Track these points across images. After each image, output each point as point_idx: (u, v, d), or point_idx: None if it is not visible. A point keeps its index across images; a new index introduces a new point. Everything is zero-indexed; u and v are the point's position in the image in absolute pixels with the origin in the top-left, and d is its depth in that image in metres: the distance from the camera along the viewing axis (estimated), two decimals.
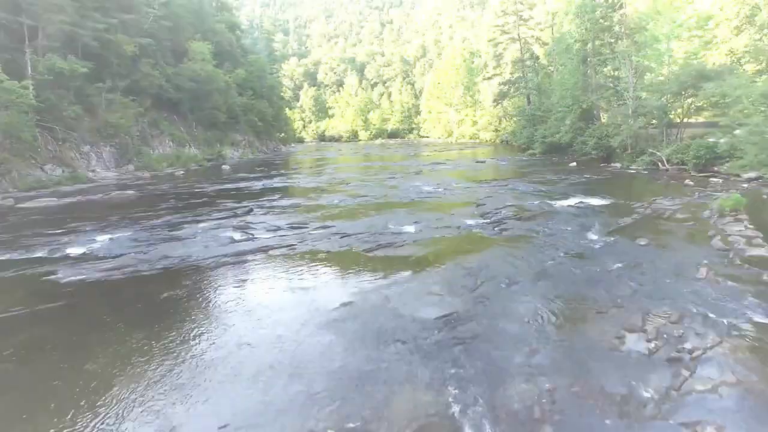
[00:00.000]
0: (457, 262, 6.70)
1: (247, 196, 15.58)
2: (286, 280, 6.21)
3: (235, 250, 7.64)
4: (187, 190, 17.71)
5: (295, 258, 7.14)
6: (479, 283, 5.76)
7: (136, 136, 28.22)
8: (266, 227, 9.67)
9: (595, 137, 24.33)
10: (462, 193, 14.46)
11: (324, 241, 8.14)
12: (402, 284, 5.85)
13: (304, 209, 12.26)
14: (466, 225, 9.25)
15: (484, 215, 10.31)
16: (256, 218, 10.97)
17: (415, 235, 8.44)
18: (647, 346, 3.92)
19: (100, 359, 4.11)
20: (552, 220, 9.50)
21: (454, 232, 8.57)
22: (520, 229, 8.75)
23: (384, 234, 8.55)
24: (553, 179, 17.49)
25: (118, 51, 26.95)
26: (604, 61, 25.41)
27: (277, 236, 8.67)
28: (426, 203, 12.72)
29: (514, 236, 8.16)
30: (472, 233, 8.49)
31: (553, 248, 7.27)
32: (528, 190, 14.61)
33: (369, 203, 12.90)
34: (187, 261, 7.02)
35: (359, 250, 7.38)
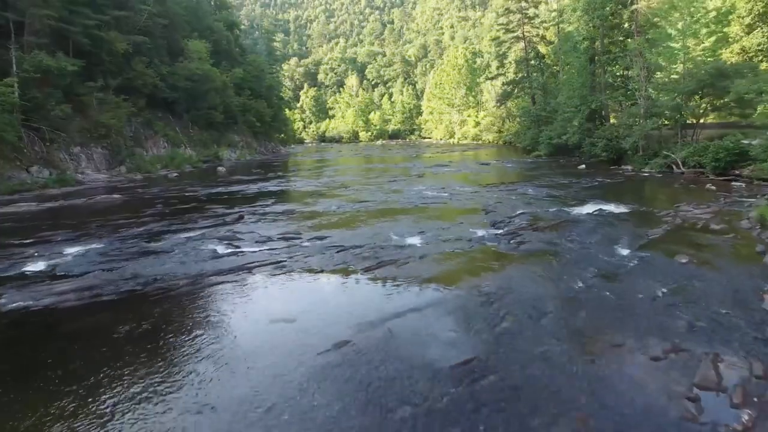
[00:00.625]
0: (471, 285, 5.74)
1: (240, 200, 14.64)
2: (268, 310, 5.26)
3: (216, 267, 6.70)
4: (178, 193, 16.78)
5: (282, 279, 6.19)
6: (501, 314, 4.80)
7: (129, 137, 27.34)
8: (255, 238, 8.73)
9: (605, 139, 23.37)
10: (468, 199, 13.51)
11: (318, 256, 7.19)
12: (408, 315, 4.89)
13: (299, 216, 11.32)
14: (477, 237, 8.30)
15: (495, 225, 9.36)
16: (245, 227, 10.04)
17: (421, 249, 7.49)
18: (738, 417, 2.97)
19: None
20: (572, 230, 8.54)
21: (464, 246, 7.61)
22: (539, 242, 7.79)
23: (386, 247, 7.60)
24: (564, 183, 16.54)
25: (110, 49, 26.06)
26: (613, 60, 24.46)
27: (266, 249, 7.72)
28: (431, 210, 11.77)
29: (534, 251, 7.20)
30: (485, 247, 7.54)
31: (580, 267, 6.31)
32: (539, 195, 13.65)
33: (369, 209, 11.96)
34: (158, 282, 6.06)
35: (357, 269, 6.42)
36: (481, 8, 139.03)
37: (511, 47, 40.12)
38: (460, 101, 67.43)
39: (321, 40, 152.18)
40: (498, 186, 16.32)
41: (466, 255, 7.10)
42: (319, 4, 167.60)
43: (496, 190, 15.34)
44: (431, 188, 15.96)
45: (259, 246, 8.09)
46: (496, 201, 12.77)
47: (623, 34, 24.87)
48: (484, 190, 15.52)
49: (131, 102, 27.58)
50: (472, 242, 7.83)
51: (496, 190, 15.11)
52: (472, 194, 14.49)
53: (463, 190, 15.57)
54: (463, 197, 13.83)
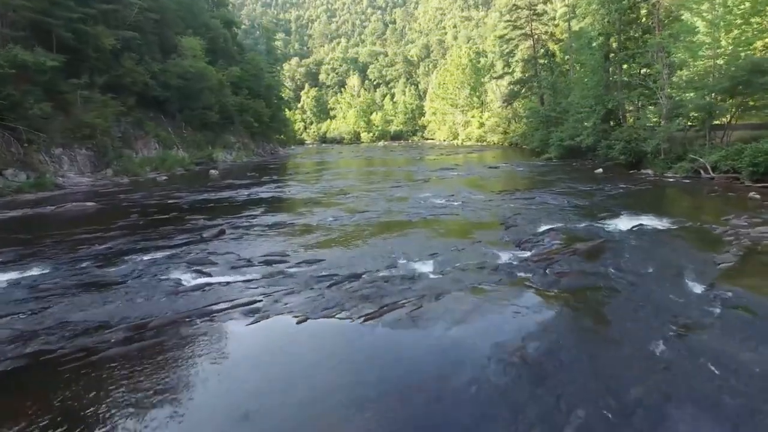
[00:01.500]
0: (508, 346, 4.18)
1: (226, 209, 13.12)
2: (228, 396, 3.71)
3: (172, 309, 5.16)
4: (160, 200, 15.26)
5: (252, 334, 4.62)
6: (559, 405, 3.25)
7: (117, 138, 25.84)
8: (232, 262, 7.20)
9: (623, 141, 21.80)
10: (482, 209, 11.96)
11: (304, 293, 5.64)
12: (430, 407, 3.34)
13: (289, 231, 9.78)
14: (502, 263, 6.75)
15: (520, 245, 7.81)
16: (224, 245, 8.51)
17: (435, 282, 5.94)
18: None
19: None
20: (618, 255, 6.99)
21: (489, 278, 6.06)
22: (582, 272, 6.24)
23: (391, 279, 6.06)
24: (585, 190, 14.98)
25: (96, 44, 24.60)
26: (631, 57, 22.88)
27: (240, 281, 6.19)
28: (441, 223, 10.23)
29: (580, 288, 5.65)
30: (516, 280, 5.98)
31: (649, 314, 4.77)
32: (561, 205, 12.10)
33: (370, 222, 10.42)
34: (83, 338, 4.50)
35: (354, 315, 4.86)
36: (484, 8, 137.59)
37: (518, 45, 38.55)
38: (464, 102, 65.86)
39: (322, 40, 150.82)
40: (512, 193, 14.77)
41: (494, 293, 5.54)
42: (321, 4, 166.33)
43: (510, 198, 13.79)
44: (439, 195, 14.41)
45: (233, 274, 6.56)
46: (513, 212, 11.22)
47: (641, 30, 23.32)
48: (497, 198, 13.97)
49: (120, 101, 26.09)
50: (499, 272, 6.27)
51: (511, 199, 13.56)
52: (485, 203, 12.94)
53: (475, 197, 14.01)
54: (475, 207, 12.28)
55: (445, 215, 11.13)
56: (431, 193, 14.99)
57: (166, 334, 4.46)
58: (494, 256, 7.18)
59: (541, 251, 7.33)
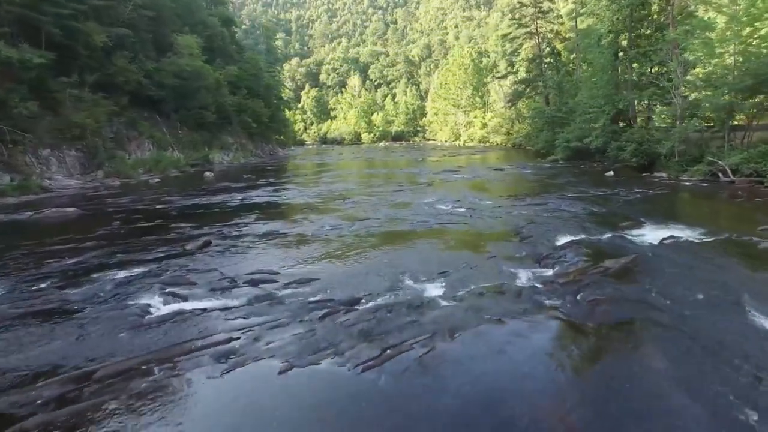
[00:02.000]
0: (547, 415, 3.27)
1: (216, 216, 12.21)
2: None
3: (130, 350, 4.24)
4: (149, 205, 14.37)
5: (223, 392, 3.67)
6: None
7: (109, 138, 24.96)
8: (212, 282, 6.30)
9: (635, 142, 20.88)
10: (492, 216, 11.05)
11: (292, 326, 4.73)
12: None
13: (281, 243, 8.88)
14: (523, 286, 5.84)
15: (541, 262, 6.91)
16: (207, 260, 7.61)
17: (447, 313, 5.03)
18: None
19: None
20: (656, 275, 6.07)
21: (511, 306, 5.15)
22: (618, 298, 5.31)
23: (394, 307, 5.15)
24: (599, 195, 14.07)
25: (87, 41, 23.72)
26: (643, 54, 21.94)
27: (219, 308, 5.28)
28: (449, 234, 9.31)
29: (620, 320, 4.73)
30: (543, 309, 5.07)
31: (715, 357, 3.85)
32: (578, 212, 11.18)
33: (371, 232, 9.50)
34: (11, 394, 3.60)
35: (352, 363, 3.94)
36: (486, 8, 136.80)
37: (523, 44, 37.62)
38: (466, 102, 64.94)
39: (323, 40, 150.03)
40: (522, 198, 13.85)
41: (520, 328, 4.62)
42: (321, 4, 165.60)
43: (521, 203, 12.87)
44: (444, 200, 13.50)
45: (212, 298, 5.66)
46: (527, 220, 10.31)
47: (654, 27, 22.39)
48: (507, 203, 13.05)
49: (112, 100, 25.24)
50: (522, 298, 5.35)
51: (522, 205, 12.64)
52: (495, 210, 12.01)
53: (483, 203, 13.10)
54: (484, 214, 11.36)
55: (452, 224, 10.21)
56: (436, 198, 14.08)
57: (111, 390, 3.54)
58: (513, 276, 6.27)
59: (566, 270, 6.41)
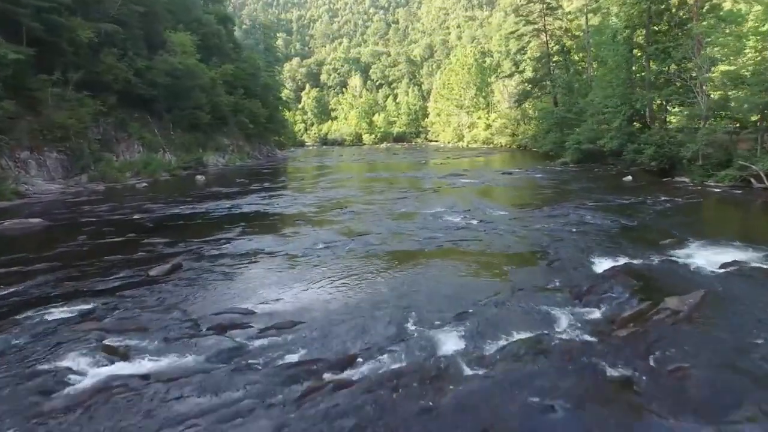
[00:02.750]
0: None
1: (197, 229, 10.85)
2: None
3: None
4: (127, 214, 13.02)
5: None
6: None
7: (95, 140, 23.63)
8: (168, 328, 4.93)
9: (654, 144, 19.46)
10: (509, 231, 9.65)
11: (258, 414, 3.37)
12: None
13: (263, 267, 7.50)
14: (568, 338, 4.46)
15: (581, 297, 5.52)
16: (170, 291, 6.24)
17: (474, 390, 3.64)
18: None
19: None
20: (748, 325, 4.67)
21: (561, 378, 3.75)
22: (713, 365, 3.92)
23: (402, 381, 3.77)
24: (624, 204, 12.67)
25: (72, 37, 22.41)
26: (663, 51, 20.50)
27: (166, 378, 3.91)
28: (462, 255, 7.92)
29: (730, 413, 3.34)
30: (606, 386, 3.68)
31: None
32: (605, 226, 9.78)
33: (371, 253, 8.12)
34: None
35: None
36: (489, 8, 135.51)
37: (530, 41, 36.22)
38: (469, 102, 63.56)
39: (324, 40, 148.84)
40: (539, 207, 12.45)
41: (579, 422, 3.23)
42: (323, 4, 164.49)
43: (539, 214, 11.48)
44: (453, 211, 12.11)
45: (162, 356, 4.28)
46: (551, 237, 8.93)
47: (674, 21, 20.98)
48: (523, 214, 11.66)
49: (100, 100, 23.94)
50: (573, 363, 3.95)
51: (541, 216, 11.25)
52: (511, 222, 10.62)
53: (496, 214, 11.70)
54: (500, 228, 9.97)
55: (465, 241, 8.82)
56: (443, 207, 12.69)
57: None
58: (550, 320, 4.88)
59: (619, 312, 5.01)
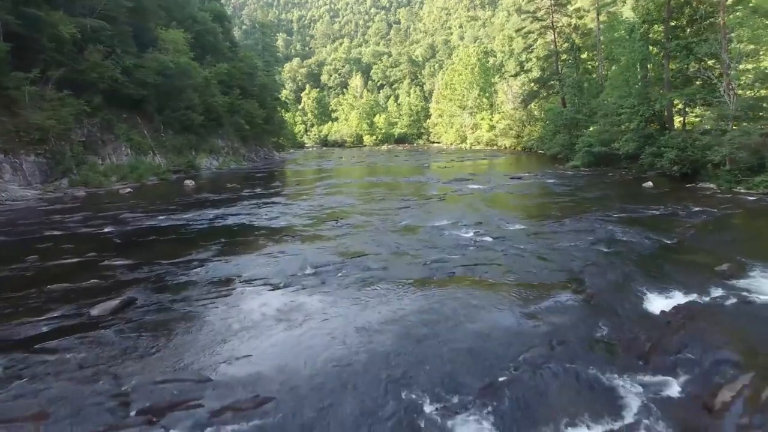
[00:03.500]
0: None
1: (168, 247, 9.45)
2: None
3: None
4: (96, 227, 11.63)
5: None
6: None
7: (79, 142, 22.31)
8: (84, 409, 3.54)
9: (676, 148, 18.00)
10: (532, 252, 8.22)
11: None
12: None
13: (234, 305, 6.07)
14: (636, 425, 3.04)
15: (649, 359, 4.11)
16: (104, 347, 4.83)
17: None
18: None
19: None
20: None
21: None
22: None
23: None
24: (656, 215, 11.24)
25: (53, 33, 21.08)
26: (684, 47, 19.05)
27: None
28: (479, 286, 6.49)
29: None
30: None
31: None
32: (641, 244, 8.36)
33: (367, 281, 6.71)
34: None
35: None
36: (491, 7, 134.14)
37: (537, 40, 34.78)
38: (472, 103, 62.09)
39: (325, 41, 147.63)
40: (559, 220, 11.01)
41: None
42: (323, 4, 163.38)
43: (561, 229, 10.05)
44: (462, 224, 10.68)
45: None
46: (581, 259, 7.51)
47: (699, 14, 19.52)
48: (542, 228, 10.22)
49: (84, 99, 22.62)
50: None
51: (564, 231, 9.82)
52: (531, 240, 9.18)
53: (512, 229, 10.27)
54: (520, 247, 8.54)
55: (480, 265, 7.39)
56: (450, 219, 11.26)
57: None
58: (613, 400, 3.47)
59: (707, 384, 3.59)
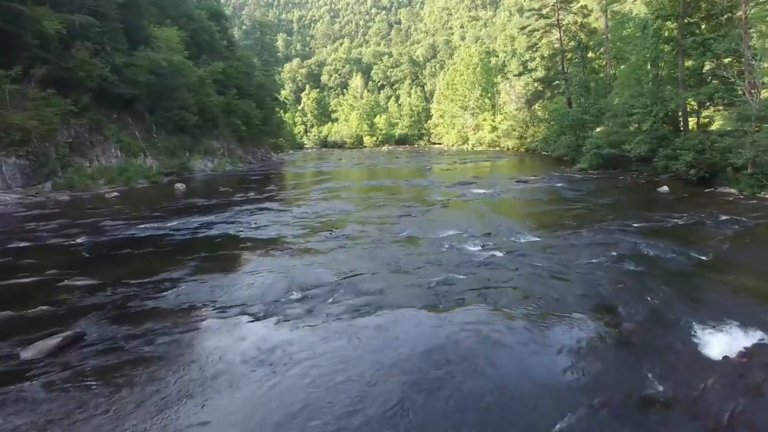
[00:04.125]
0: None
1: (141, 261, 8.44)
2: None
3: None
4: (69, 237, 10.63)
5: None
6: None
7: (66, 143, 21.31)
8: None
9: (693, 150, 16.99)
10: (551, 270, 7.20)
11: None
12: None
13: (201, 347, 5.06)
14: None
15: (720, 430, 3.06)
16: (26, 406, 3.82)
17: None
18: None
19: None
20: None
21: None
22: None
23: None
24: (681, 225, 10.24)
25: (38, 29, 20.11)
26: (701, 44, 18.05)
27: None
28: (494, 317, 5.47)
29: None
30: None
31: None
32: (677, 264, 7.35)
33: (362, 312, 5.69)
34: None
35: None
36: (492, 7, 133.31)
37: (542, 38, 33.77)
38: (474, 103, 61.10)
39: (325, 41, 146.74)
40: (575, 230, 9.99)
41: None
42: (324, 4, 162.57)
43: (579, 241, 9.04)
44: (469, 235, 9.67)
45: None
46: (610, 281, 6.51)
47: (714, 10, 18.53)
48: (559, 241, 9.20)
49: (71, 99, 21.67)
50: None
51: (583, 244, 8.81)
52: (548, 255, 8.16)
53: (525, 241, 9.24)
54: (535, 263, 7.53)
55: (494, 288, 6.38)
56: (456, 230, 10.24)
57: None
58: None
59: None
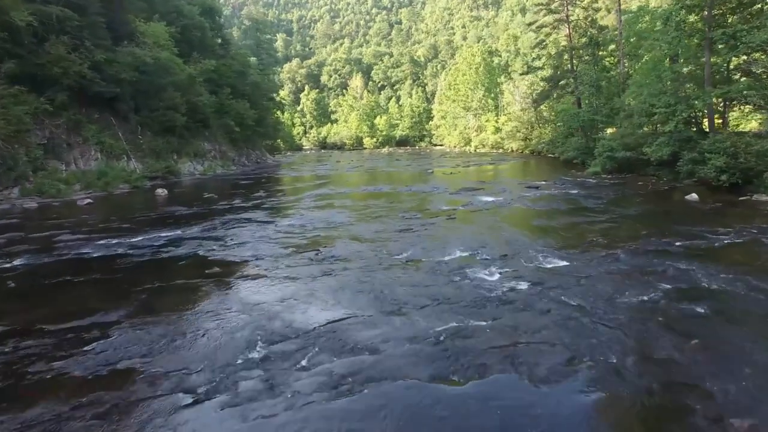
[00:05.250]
0: None
1: (79, 294, 6.82)
2: None
3: None
4: (10, 257, 9.02)
5: None
6: None
7: (39, 145, 19.75)
8: None
9: (725, 153, 15.35)
10: (591, 311, 5.57)
11: None
12: None
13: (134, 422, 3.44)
14: None
15: None
16: None
17: None
18: None
19: None
20: None
21: None
22: None
23: None
24: (733, 244, 8.62)
25: (4, 21, 18.55)
26: (732, 37, 16.40)
27: None
28: (528, 390, 3.83)
29: None
30: None
31: None
32: (751, 300, 5.72)
33: (346, 380, 4.05)
34: None
35: None
36: (494, 7, 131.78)
37: (550, 34, 32.17)
38: (477, 104, 59.49)
39: (325, 41, 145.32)
40: (608, 250, 8.35)
41: None
42: (324, 4, 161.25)
43: (615, 267, 7.42)
44: (482, 258, 8.04)
45: None
46: (673, 330, 4.91)
47: None
48: (592, 267, 7.54)
49: (45, 97, 20.14)
50: None
51: (622, 274, 7.17)
52: (582, 287, 6.52)
53: (550, 267, 7.59)
54: (570, 301, 5.89)
55: (524, 345, 4.74)
56: (466, 249, 8.60)
57: None
58: None
59: None
